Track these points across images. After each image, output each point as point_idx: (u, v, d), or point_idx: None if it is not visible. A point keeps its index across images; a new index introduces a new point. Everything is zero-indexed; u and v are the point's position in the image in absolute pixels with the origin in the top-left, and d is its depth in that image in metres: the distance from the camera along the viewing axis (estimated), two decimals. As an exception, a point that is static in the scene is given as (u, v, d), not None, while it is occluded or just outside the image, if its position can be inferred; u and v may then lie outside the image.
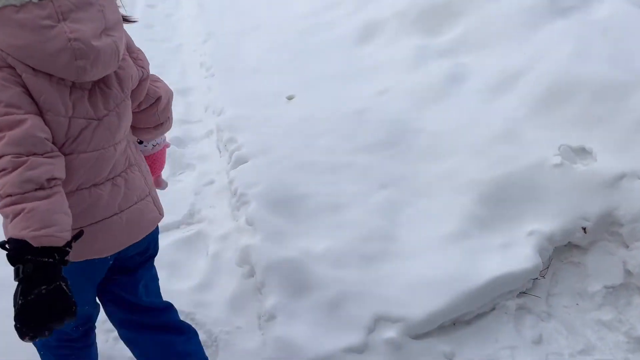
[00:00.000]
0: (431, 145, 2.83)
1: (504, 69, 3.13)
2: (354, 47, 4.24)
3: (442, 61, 3.55)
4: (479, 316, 2.04)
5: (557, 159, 2.34)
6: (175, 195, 2.76)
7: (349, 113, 3.21)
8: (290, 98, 3.54)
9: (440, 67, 3.47)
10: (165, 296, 2.09)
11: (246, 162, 2.81)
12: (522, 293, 2.11)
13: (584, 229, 2.16)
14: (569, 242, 2.21)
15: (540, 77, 2.83)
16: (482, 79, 3.18)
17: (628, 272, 2.10)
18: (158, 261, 2.28)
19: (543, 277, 2.15)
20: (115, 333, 1.70)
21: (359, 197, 2.54)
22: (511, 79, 3.00)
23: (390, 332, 1.90)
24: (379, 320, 1.94)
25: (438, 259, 2.14)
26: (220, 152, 3.16)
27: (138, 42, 5.10)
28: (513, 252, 2.13)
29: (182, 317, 1.99)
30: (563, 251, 2.24)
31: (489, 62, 3.33)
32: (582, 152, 2.41)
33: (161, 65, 4.48)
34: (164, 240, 2.43)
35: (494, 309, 2.07)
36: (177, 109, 3.75)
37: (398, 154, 2.83)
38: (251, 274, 2.18)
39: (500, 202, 2.33)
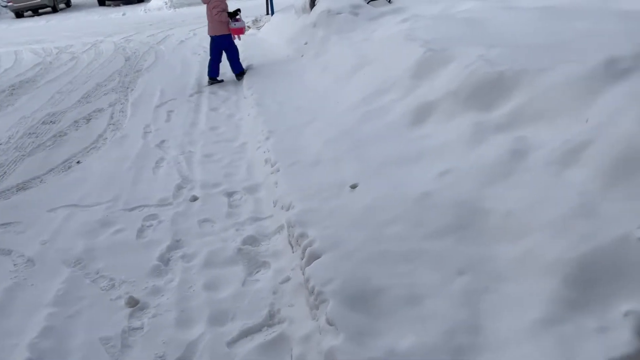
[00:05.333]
0: (503, 225, 2.79)
1: (568, 140, 3.10)
2: (410, 130, 4.36)
3: (501, 136, 3.58)
4: (585, 412, 1.90)
5: (643, 232, 2.24)
6: (254, 296, 2.85)
7: (413, 198, 3.24)
8: (353, 187, 3.63)
9: (500, 142, 3.49)
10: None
11: (319, 257, 2.87)
12: (629, 381, 1.96)
13: (686, 306, 2.02)
14: (672, 321, 2.06)
15: (609, 146, 2.78)
16: (546, 152, 3.15)
17: None
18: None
19: (649, 362, 1.99)
20: None
21: (437, 287, 2.52)
22: (577, 150, 2.96)
23: None
24: (478, 423, 1.85)
25: (531, 350, 2.05)
26: (292, 247, 3.25)
27: (206, 144, 5.57)
28: (611, 337, 2.01)
29: None
30: (666, 331, 2.09)
31: (549, 134, 3.32)
32: (668, 223, 2.30)
33: (229, 165, 4.79)
34: (248, 344, 2.49)
35: (600, 402, 1.93)
36: (248, 206, 3.96)
37: (470, 237, 2.81)
38: (338, 377, 2.16)
39: (587, 283, 2.23)
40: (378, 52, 6.30)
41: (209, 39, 7.86)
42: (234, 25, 7.72)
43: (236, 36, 7.97)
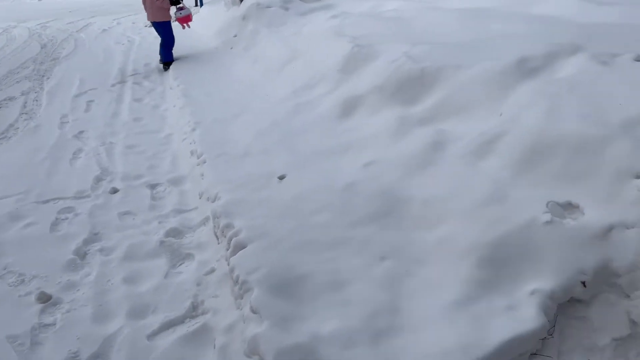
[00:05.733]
0: (423, 213, 2.90)
1: (483, 132, 3.27)
2: (338, 122, 4.42)
3: (423, 129, 3.71)
4: (494, 384, 2.02)
5: (547, 216, 2.42)
6: (177, 288, 2.78)
7: (339, 188, 3.30)
8: (281, 178, 3.63)
9: (422, 135, 3.62)
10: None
11: (245, 247, 2.84)
12: (533, 355, 2.11)
13: (584, 283, 2.20)
14: (571, 297, 2.24)
15: (519, 138, 2.97)
16: (463, 143, 3.31)
17: (633, 322, 2.12)
18: (166, 359, 2.27)
19: (551, 335, 2.15)
20: None
21: (360, 272, 2.57)
22: (491, 142, 3.14)
23: (408, 411, 1.87)
24: (395, 400, 1.91)
25: (447, 329, 2.15)
26: (218, 238, 3.20)
27: (129, 135, 5.32)
28: (519, 314, 2.15)
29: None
30: (566, 307, 2.26)
31: (466, 127, 3.49)
32: (570, 207, 2.49)
33: (153, 156, 4.63)
34: (169, 337, 2.43)
35: (507, 374, 2.05)
36: (172, 198, 3.85)
37: (392, 224, 2.90)
38: (261, 364, 2.16)
39: (498, 265, 2.37)
40: (308, 47, 6.33)
41: (133, 29, 7.54)
42: (180, 14, 7.66)
43: (185, 25, 7.87)
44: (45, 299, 2.68)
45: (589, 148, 2.62)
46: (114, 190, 3.98)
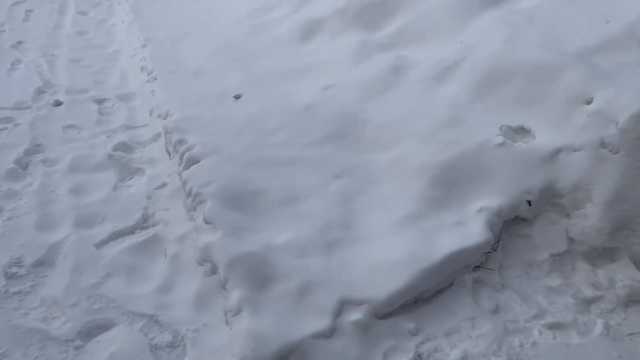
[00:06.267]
0: (379, 135, 2.91)
1: (443, 59, 3.26)
2: (297, 45, 4.29)
3: (383, 55, 3.66)
4: (439, 292, 2.12)
5: (500, 139, 2.47)
6: (127, 201, 2.70)
7: (297, 109, 3.24)
8: (237, 97, 3.52)
9: (382, 60, 3.57)
10: (127, 301, 2.06)
11: (198, 162, 2.78)
12: (477, 267, 2.21)
13: (529, 202, 2.29)
14: (516, 215, 2.34)
15: (478, 64, 2.98)
16: (423, 69, 3.30)
17: (571, 240, 2.25)
18: (114, 266, 2.24)
19: (495, 250, 2.26)
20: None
21: (315, 189, 2.58)
22: (451, 67, 3.14)
23: (356, 315, 1.94)
24: (345, 304, 1.98)
25: (396, 241, 2.21)
26: (170, 154, 3.10)
27: (73, 49, 5.00)
28: (466, 229, 2.23)
29: (145, 320, 1.98)
30: (511, 225, 2.36)
31: (427, 53, 3.47)
32: (522, 131, 2.56)
33: (100, 72, 4.38)
34: (118, 246, 2.38)
35: (452, 284, 2.15)
36: (121, 114, 3.68)
37: (348, 145, 2.89)
38: (213, 271, 2.16)
39: (449, 184, 2.43)
40: (267, -33, 6.01)
41: None
42: None
43: None
44: (-17, 206, 2.55)
45: (544, 75, 2.67)
46: (58, 103, 3.75)
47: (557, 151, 2.35)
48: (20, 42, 4.91)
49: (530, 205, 2.30)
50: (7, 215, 2.53)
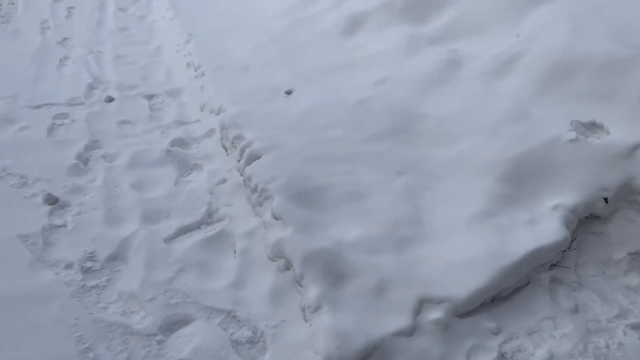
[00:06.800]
0: (439, 130, 2.87)
1: (500, 52, 3.20)
2: (342, 39, 4.25)
3: (434, 48, 3.61)
4: (516, 290, 2.08)
5: (572, 134, 2.42)
6: (189, 196, 2.72)
7: (351, 104, 3.21)
8: (289, 93, 3.51)
9: (434, 54, 3.52)
10: (202, 296, 2.07)
11: (259, 157, 2.78)
12: (553, 265, 2.17)
13: (605, 199, 2.24)
14: (591, 213, 2.28)
15: (542, 57, 2.91)
16: (479, 63, 3.24)
17: (649, 238, 2.19)
18: (185, 261, 2.25)
19: (571, 248, 2.21)
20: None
21: (378, 185, 2.56)
22: (510, 61, 3.08)
23: (436, 313, 1.92)
24: (424, 302, 1.96)
25: (470, 239, 2.18)
26: (226, 150, 3.11)
27: (117, 45, 5.05)
28: (541, 227, 2.19)
29: (223, 316, 1.98)
30: (584, 223, 2.31)
31: (481, 47, 3.40)
32: (593, 127, 2.49)
33: (146, 67, 4.41)
34: (187, 241, 2.40)
35: (528, 282, 2.11)
36: (172, 110, 3.70)
37: (408, 140, 2.86)
38: (287, 267, 2.16)
39: (521, 180, 2.39)
40: (305, -40, 5.97)
41: None
42: None
43: None
44: (52, 201, 2.58)
45: (614, 69, 2.60)
46: (110, 99, 3.79)
47: (634, 147, 2.28)
48: (65, 39, 4.96)
49: (606, 202, 2.24)
50: (75, 210, 2.56)
